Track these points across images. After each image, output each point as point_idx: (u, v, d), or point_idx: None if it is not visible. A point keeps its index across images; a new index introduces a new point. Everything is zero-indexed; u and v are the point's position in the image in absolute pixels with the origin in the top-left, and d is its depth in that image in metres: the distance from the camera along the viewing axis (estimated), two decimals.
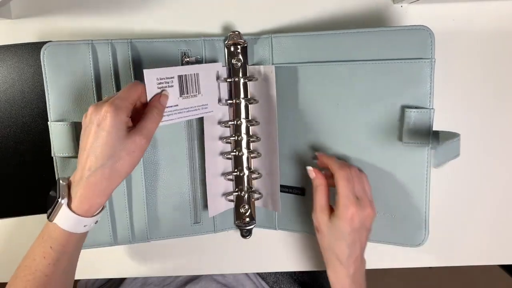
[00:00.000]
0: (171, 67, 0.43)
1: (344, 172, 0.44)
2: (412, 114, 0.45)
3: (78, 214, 0.40)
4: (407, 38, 0.45)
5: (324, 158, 0.47)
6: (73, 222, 0.40)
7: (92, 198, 0.39)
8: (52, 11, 0.53)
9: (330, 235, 0.44)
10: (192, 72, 0.45)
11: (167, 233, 0.53)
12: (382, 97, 0.46)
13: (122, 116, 0.38)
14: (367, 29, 0.46)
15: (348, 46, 0.47)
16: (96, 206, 0.40)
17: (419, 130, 0.45)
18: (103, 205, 0.41)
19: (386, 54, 0.45)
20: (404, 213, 0.48)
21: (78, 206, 0.40)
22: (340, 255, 0.44)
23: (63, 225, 0.40)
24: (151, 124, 0.40)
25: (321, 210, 0.45)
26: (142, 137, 0.39)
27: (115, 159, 0.38)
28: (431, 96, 0.45)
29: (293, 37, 0.48)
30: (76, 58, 0.47)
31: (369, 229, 0.45)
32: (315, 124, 0.50)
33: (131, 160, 0.39)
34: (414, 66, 0.45)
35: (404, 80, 0.45)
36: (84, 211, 0.40)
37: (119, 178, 0.40)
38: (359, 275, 0.46)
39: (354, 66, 0.47)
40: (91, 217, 0.41)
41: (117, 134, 0.38)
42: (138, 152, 0.39)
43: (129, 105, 0.39)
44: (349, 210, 0.43)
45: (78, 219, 0.40)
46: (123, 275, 0.58)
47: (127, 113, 0.39)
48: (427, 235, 0.48)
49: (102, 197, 0.40)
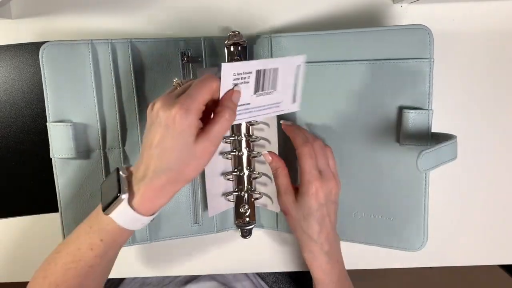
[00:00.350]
0: (250, 61, 0.38)
1: (306, 148, 0.43)
2: (410, 115, 0.44)
3: (138, 212, 0.37)
4: (405, 38, 0.44)
5: (288, 130, 0.46)
6: (131, 219, 0.38)
7: (154, 200, 0.38)
8: (52, 11, 0.53)
9: (298, 214, 0.44)
10: (272, 66, 0.39)
11: (168, 234, 0.52)
12: (380, 98, 0.46)
13: (192, 119, 0.35)
14: (365, 28, 0.45)
15: (346, 46, 0.46)
16: (157, 207, 0.38)
17: (417, 132, 0.44)
18: (164, 205, 0.39)
19: (384, 53, 0.45)
20: (402, 216, 0.47)
21: (139, 205, 0.37)
22: (311, 233, 0.44)
23: (119, 221, 0.38)
24: (222, 128, 0.36)
25: (285, 192, 0.45)
26: (210, 143, 0.36)
27: (181, 164, 0.36)
28: (430, 97, 0.44)
29: (292, 37, 0.48)
30: (76, 58, 0.47)
31: (336, 202, 0.45)
32: (314, 125, 0.49)
33: (198, 165, 0.37)
34: (413, 65, 0.44)
35: (402, 80, 0.45)
36: (145, 210, 0.38)
37: (184, 182, 0.38)
38: (334, 252, 0.45)
39: (352, 66, 0.46)
40: (150, 215, 0.39)
41: (185, 139, 0.35)
42: (206, 158, 0.37)
43: (200, 107, 0.36)
44: (313, 185, 0.42)
45: (137, 217, 0.38)
46: (122, 275, 0.58)
47: (198, 115, 0.36)
48: (426, 240, 0.47)
49: (164, 199, 0.38)
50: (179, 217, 0.52)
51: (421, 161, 0.39)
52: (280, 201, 0.46)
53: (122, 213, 0.38)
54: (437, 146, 0.40)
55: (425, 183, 0.46)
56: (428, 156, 0.39)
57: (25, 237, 0.56)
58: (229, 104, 0.37)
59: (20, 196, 0.54)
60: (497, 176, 0.55)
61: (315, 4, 0.53)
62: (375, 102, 0.46)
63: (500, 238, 0.56)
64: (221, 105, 0.37)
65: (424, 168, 0.40)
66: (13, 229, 0.56)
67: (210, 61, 0.50)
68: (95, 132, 0.48)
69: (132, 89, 0.48)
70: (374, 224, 0.48)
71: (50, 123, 0.47)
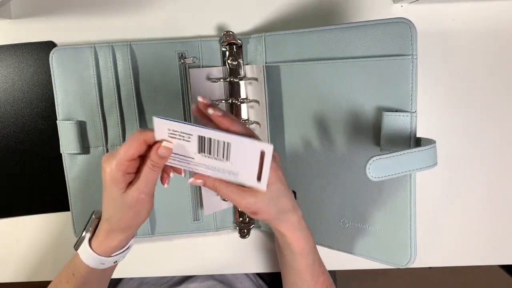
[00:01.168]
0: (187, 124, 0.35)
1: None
2: (390, 118, 0.40)
3: (95, 251, 0.41)
4: (386, 33, 0.40)
5: (218, 120, 0.39)
6: (91, 257, 0.42)
7: (105, 242, 0.41)
8: (52, 11, 0.53)
9: (271, 202, 0.40)
10: (221, 139, 0.35)
11: (168, 229, 0.53)
12: (360, 99, 0.43)
13: (114, 175, 0.37)
14: (347, 24, 0.43)
15: (330, 43, 0.44)
16: (110, 249, 0.41)
17: (398, 136, 0.40)
18: (119, 248, 0.42)
19: (365, 51, 0.42)
20: (388, 228, 0.44)
21: (96, 245, 0.42)
22: (286, 206, 0.41)
23: (82, 257, 0.42)
24: (147, 178, 0.38)
25: (242, 197, 0.39)
26: (138, 192, 0.38)
27: (117, 213, 0.39)
28: (413, 98, 0.40)
29: (283, 35, 0.48)
30: (81, 61, 0.49)
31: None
32: (303, 125, 0.48)
33: (134, 213, 0.39)
34: (392, 64, 0.40)
35: (382, 80, 0.41)
36: (100, 251, 0.41)
37: (130, 229, 0.41)
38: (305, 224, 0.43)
39: (335, 64, 0.44)
40: (109, 257, 0.42)
41: (113, 192, 0.38)
42: (139, 205, 0.38)
43: (124, 162, 0.37)
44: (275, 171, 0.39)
45: (95, 256, 0.41)
46: (121, 275, 0.58)
47: (120, 170, 0.37)
48: (414, 256, 0.43)
49: (115, 242, 0.41)
50: (180, 213, 0.53)
51: (370, 168, 0.35)
52: (245, 208, 0.41)
53: (84, 251, 0.42)
54: (395, 153, 0.36)
55: (410, 193, 0.42)
56: (382, 163, 0.35)
57: (25, 237, 0.56)
58: (152, 157, 0.37)
59: (20, 196, 0.54)
60: (497, 176, 0.55)
61: (315, 4, 0.53)
62: (355, 103, 0.43)
63: (500, 238, 0.56)
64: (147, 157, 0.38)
65: (376, 176, 0.36)
66: (13, 229, 0.56)
67: (207, 62, 0.50)
68: (98, 129, 0.51)
69: (132, 89, 0.50)
70: (361, 234, 0.46)
71: (59, 121, 0.50)
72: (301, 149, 0.49)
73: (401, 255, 0.43)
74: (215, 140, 0.36)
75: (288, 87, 0.49)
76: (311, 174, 0.48)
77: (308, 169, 0.49)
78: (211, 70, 0.50)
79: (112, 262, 0.43)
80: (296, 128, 0.49)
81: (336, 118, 0.45)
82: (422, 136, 0.41)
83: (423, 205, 0.54)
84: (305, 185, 0.49)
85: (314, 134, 0.48)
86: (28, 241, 0.57)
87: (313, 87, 0.46)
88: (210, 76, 0.50)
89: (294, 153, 0.50)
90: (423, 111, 0.53)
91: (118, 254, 0.42)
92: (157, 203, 0.53)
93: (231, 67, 0.50)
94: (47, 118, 0.53)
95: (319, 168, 0.48)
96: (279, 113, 0.50)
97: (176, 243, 0.57)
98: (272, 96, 0.49)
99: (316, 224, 0.49)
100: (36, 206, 0.55)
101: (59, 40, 0.53)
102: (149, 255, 0.57)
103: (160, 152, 0.37)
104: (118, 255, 0.43)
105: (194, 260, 0.57)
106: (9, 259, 0.57)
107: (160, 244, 0.57)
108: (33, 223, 0.56)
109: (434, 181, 0.55)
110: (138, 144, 0.37)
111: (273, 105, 0.50)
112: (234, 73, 0.50)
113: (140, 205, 0.38)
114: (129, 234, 0.42)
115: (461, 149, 0.54)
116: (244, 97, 0.51)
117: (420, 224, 0.55)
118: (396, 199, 0.43)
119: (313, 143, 0.48)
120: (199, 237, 0.57)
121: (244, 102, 0.50)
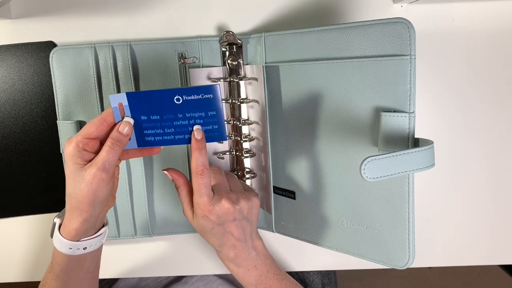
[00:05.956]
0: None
1: (199, 168, 0.41)
2: (388, 119, 0.40)
3: (62, 235, 0.41)
4: (384, 33, 0.40)
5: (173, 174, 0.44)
6: (60, 242, 0.41)
7: (68, 224, 0.41)
8: (52, 11, 0.53)
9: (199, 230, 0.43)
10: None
11: (168, 229, 0.54)
12: (359, 99, 0.43)
13: (71, 150, 0.39)
14: (346, 24, 0.43)
15: (330, 43, 0.44)
16: (73, 231, 0.41)
17: (396, 137, 0.40)
18: (83, 232, 0.41)
19: (364, 51, 0.42)
20: (386, 229, 0.44)
21: (63, 229, 0.42)
22: (212, 244, 0.44)
23: (55, 244, 0.42)
24: (106, 156, 0.39)
25: (186, 210, 0.43)
26: (96, 169, 0.38)
27: (75, 189, 0.39)
28: (411, 99, 0.40)
29: (283, 36, 0.47)
30: (81, 61, 0.49)
31: (247, 218, 0.43)
32: (304, 126, 0.48)
33: (89, 191, 0.39)
34: (391, 64, 0.40)
35: (380, 80, 0.41)
36: (65, 233, 0.41)
37: (88, 206, 0.39)
38: (245, 259, 0.44)
39: (334, 64, 0.44)
40: (76, 241, 0.41)
41: (70, 165, 0.39)
42: (95, 183, 0.38)
43: (81, 139, 0.39)
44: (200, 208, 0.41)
45: (62, 240, 0.41)
46: (122, 275, 0.58)
47: (78, 146, 0.39)
48: (412, 257, 0.43)
49: (75, 224, 0.40)
50: (180, 213, 0.53)
51: (365, 168, 0.35)
52: (184, 214, 0.44)
53: (56, 236, 0.42)
54: (390, 153, 0.36)
55: (408, 194, 0.42)
56: (378, 163, 0.35)
57: (25, 237, 0.56)
58: (113, 135, 0.39)
59: (20, 196, 0.54)
60: (497, 176, 0.55)
61: (314, 4, 0.53)
62: (354, 104, 0.43)
63: (500, 238, 0.56)
64: (109, 136, 0.40)
65: (372, 177, 0.35)
66: (13, 229, 0.56)
67: (207, 62, 0.50)
68: None
69: (132, 89, 0.50)
70: (360, 235, 0.46)
71: (60, 121, 0.50)
72: (300, 148, 0.49)
73: (399, 256, 0.44)
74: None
75: (287, 87, 0.49)
76: (310, 174, 0.48)
77: (307, 169, 0.49)
78: (211, 70, 0.50)
79: (82, 248, 0.42)
80: (295, 128, 0.49)
81: (334, 118, 0.45)
82: (422, 137, 0.40)
83: (423, 205, 0.54)
84: (304, 185, 0.49)
85: (313, 134, 0.48)
86: (28, 241, 0.57)
87: (312, 87, 0.46)
88: (210, 76, 0.50)
89: (293, 153, 0.50)
90: (423, 111, 0.53)
91: (86, 241, 0.42)
92: (157, 203, 0.53)
93: (231, 67, 0.50)
94: (47, 118, 0.53)
95: (318, 168, 0.48)
96: (278, 113, 0.50)
97: (177, 242, 0.57)
98: (271, 96, 0.50)
99: (315, 225, 0.49)
100: (36, 206, 0.55)
101: (59, 40, 0.53)
102: (149, 255, 0.57)
103: (120, 129, 0.39)
104: (86, 241, 0.42)
105: (194, 260, 0.58)
106: (9, 259, 0.57)
107: (161, 244, 0.57)
108: (33, 223, 0.56)
109: (434, 181, 0.55)
110: (98, 122, 0.40)
111: (273, 105, 0.50)
112: (234, 73, 0.50)
113: (96, 183, 0.38)
114: (88, 217, 0.40)
115: (461, 149, 0.54)
116: (244, 97, 0.51)
117: (420, 224, 0.55)
118: (394, 200, 0.42)
119: (312, 143, 0.48)
120: (199, 237, 0.57)
121: (244, 102, 0.50)
